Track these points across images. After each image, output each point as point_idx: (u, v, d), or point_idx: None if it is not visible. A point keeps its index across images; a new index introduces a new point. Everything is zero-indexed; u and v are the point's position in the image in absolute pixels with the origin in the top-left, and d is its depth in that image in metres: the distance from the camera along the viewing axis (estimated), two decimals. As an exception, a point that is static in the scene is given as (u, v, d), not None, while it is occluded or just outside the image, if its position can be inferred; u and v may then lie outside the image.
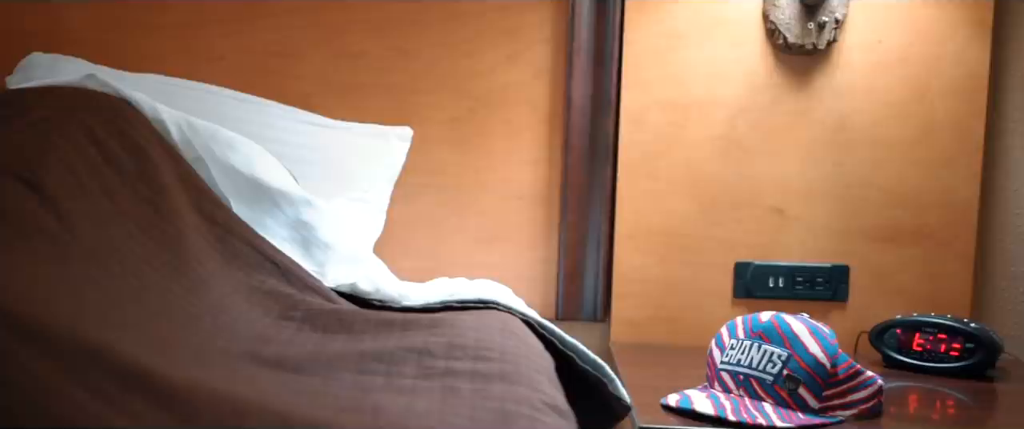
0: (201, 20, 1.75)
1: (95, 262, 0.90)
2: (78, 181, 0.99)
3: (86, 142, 1.07)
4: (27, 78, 1.65)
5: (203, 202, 1.18)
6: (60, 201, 0.92)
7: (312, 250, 1.29)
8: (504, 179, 1.77)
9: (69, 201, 0.93)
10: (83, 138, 1.06)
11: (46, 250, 0.82)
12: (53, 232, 0.87)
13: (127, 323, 0.81)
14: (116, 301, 0.84)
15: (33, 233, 0.83)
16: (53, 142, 1.01)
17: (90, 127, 1.09)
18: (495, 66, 1.75)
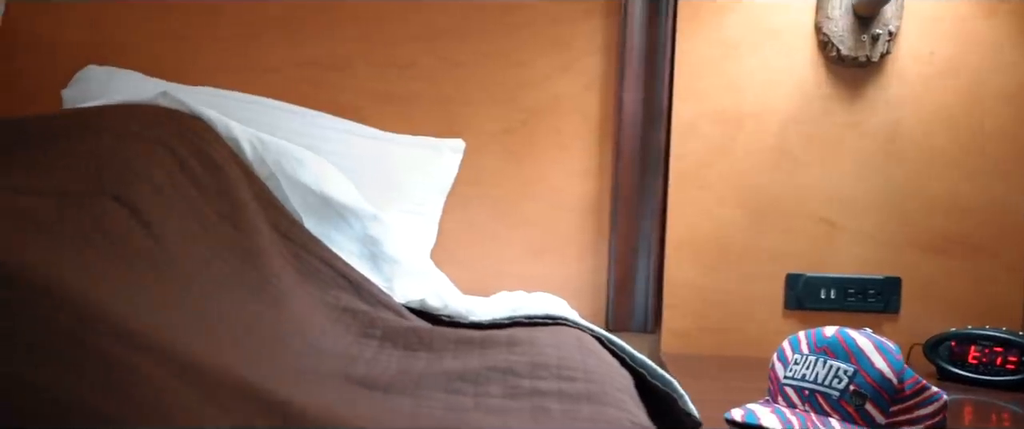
0: (254, 33, 1.76)
1: (187, 280, 0.91)
2: (166, 200, 1.00)
3: (169, 160, 1.07)
4: (84, 91, 1.66)
5: (278, 219, 1.19)
6: (153, 221, 0.93)
7: (380, 265, 1.30)
8: (554, 189, 1.78)
9: (160, 220, 0.94)
10: (166, 157, 1.07)
11: (146, 270, 0.83)
12: (150, 252, 0.88)
13: (226, 343, 0.81)
14: (212, 319, 0.85)
15: (133, 254, 0.83)
16: (140, 161, 1.02)
17: (172, 146, 1.10)
18: (546, 77, 1.76)
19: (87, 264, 0.70)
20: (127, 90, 1.65)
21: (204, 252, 0.99)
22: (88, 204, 0.86)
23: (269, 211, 1.19)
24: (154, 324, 0.64)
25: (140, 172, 0.99)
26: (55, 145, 1.01)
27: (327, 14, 1.75)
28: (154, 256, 0.87)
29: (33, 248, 0.66)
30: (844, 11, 1.65)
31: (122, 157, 1.00)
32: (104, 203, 0.88)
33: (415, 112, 1.76)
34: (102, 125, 1.08)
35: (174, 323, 0.70)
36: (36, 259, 0.62)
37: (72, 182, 0.91)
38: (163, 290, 0.80)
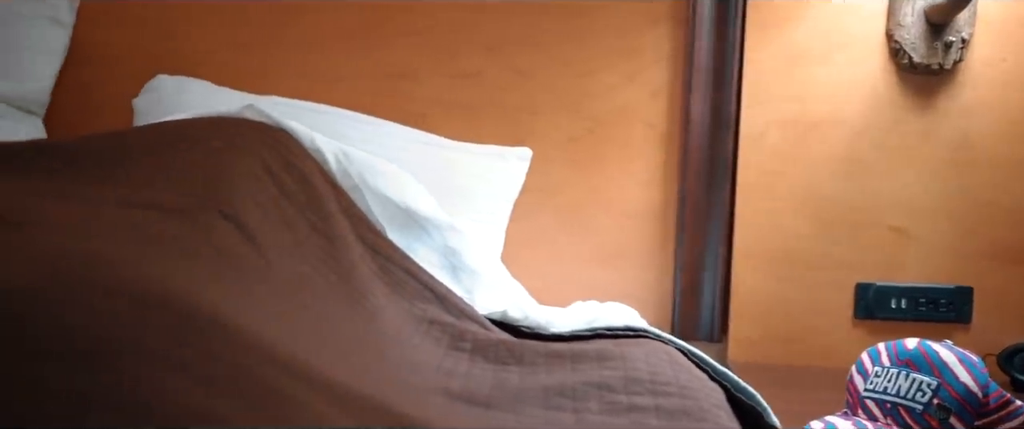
0: (319, 42, 1.77)
1: (294, 296, 0.91)
2: (265, 214, 1.00)
3: (263, 174, 1.08)
4: (155, 100, 1.68)
5: (364, 231, 1.20)
6: (257, 236, 0.93)
7: (460, 276, 1.30)
8: (620, 198, 1.77)
9: (263, 235, 0.95)
10: (261, 170, 1.08)
11: (262, 289, 0.83)
12: (260, 270, 0.88)
13: (338, 358, 0.82)
14: (327, 337, 0.85)
15: (248, 273, 0.84)
16: (239, 175, 1.02)
17: (264, 159, 1.11)
18: (613, 85, 1.75)
19: (223, 286, 0.71)
20: (198, 100, 1.67)
21: (303, 267, 1.00)
22: (202, 221, 0.86)
23: (355, 223, 1.19)
24: (296, 348, 0.65)
25: (240, 186, 1.00)
26: (155, 158, 1.02)
27: (395, 24, 1.76)
28: (263, 273, 0.88)
29: (172, 268, 0.66)
30: (916, 18, 1.63)
31: (222, 171, 1.01)
32: (214, 219, 0.88)
33: (481, 120, 1.77)
34: (198, 138, 1.09)
35: (304, 345, 0.70)
36: (185, 281, 0.62)
37: (179, 197, 0.91)
38: (279, 309, 0.81)
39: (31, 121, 1.67)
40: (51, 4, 1.67)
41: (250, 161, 1.08)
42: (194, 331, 0.54)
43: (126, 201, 0.86)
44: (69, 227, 0.68)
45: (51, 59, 1.68)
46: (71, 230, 0.67)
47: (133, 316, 0.53)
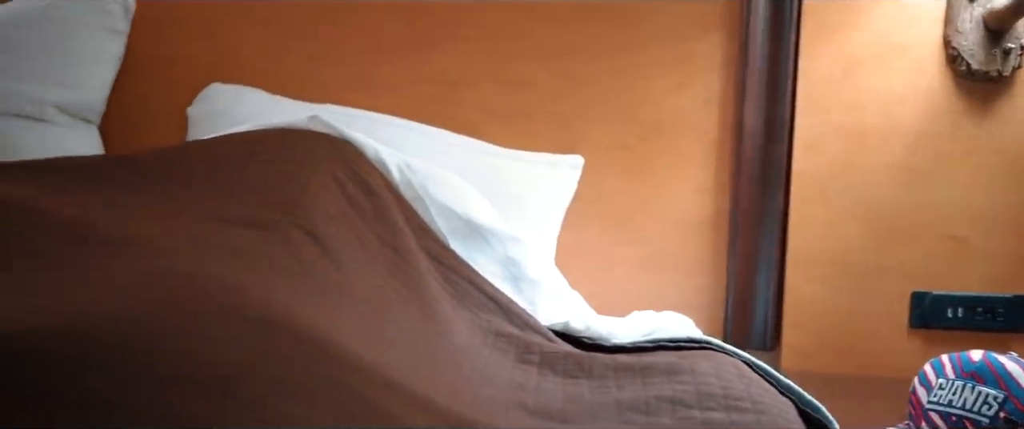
0: (371, 50, 1.77)
1: (374, 312, 0.91)
2: (338, 228, 1.01)
3: (334, 187, 1.08)
4: (209, 109, 1.69)
5: (428, 242, 1.20)
6: (334, 250, 0.93)
7: (521, 287, 1.30)
8: (671, 206, 1.76)
9: (339, 250, 0.95)
10: (332, 183, 1.08)
11: (345, 305, 0.84)
12: (340, 285, 0.88)
13: (425, 374, 0.82)
14: (407, 352, 0.86)
15: (332, 289, 0.84)
16: (313, 190, 1.03)
17: (334, 172, 1.11)
18: (665, 94, 1.75)
19: (318, 305, 0.71)
20: (252, 109, 1.68)
21: (375, 280, 1.00)
22: (287, 237, 0.87)
23: (420, 235, 1.19)
24: (393, 368, 0.65)
25: (315, 201, 1.00)
26: (230, 172, 1.02)
27: (446, 31, 1.76)
28: (344, 289, 0.88)
29: (273, 288, 0.67)
30: (974, 25, 1.61)
31: (297, 185, 1.01)
32: (297, 235, 0.89)
33: (532, 128, 1.76)
34: (270, 151, 1.10)
35: (397, 364, 0.70)
36: (292, 303, 0.62)
37: (261, 212, 0.92)
38: (366, 326, 0.81)
39: (87, 129, 1.69)
40: (108, 13, 1.68)
41: (322, 174, 1.08)
42: (311, 355, 0.54)
43: (212, 216, 0.87)
44: (170, 247, 0.68)
45: (107, 67, 1.70)
46: (173, 250, 0.67)
47: (254, 341, 0.53)
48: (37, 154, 1.55)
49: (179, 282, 0.58)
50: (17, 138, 1.57)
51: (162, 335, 0.50)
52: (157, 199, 0.89)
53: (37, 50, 1.62)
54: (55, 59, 1.63)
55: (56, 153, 1.57)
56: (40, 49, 1.62)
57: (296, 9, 1.77)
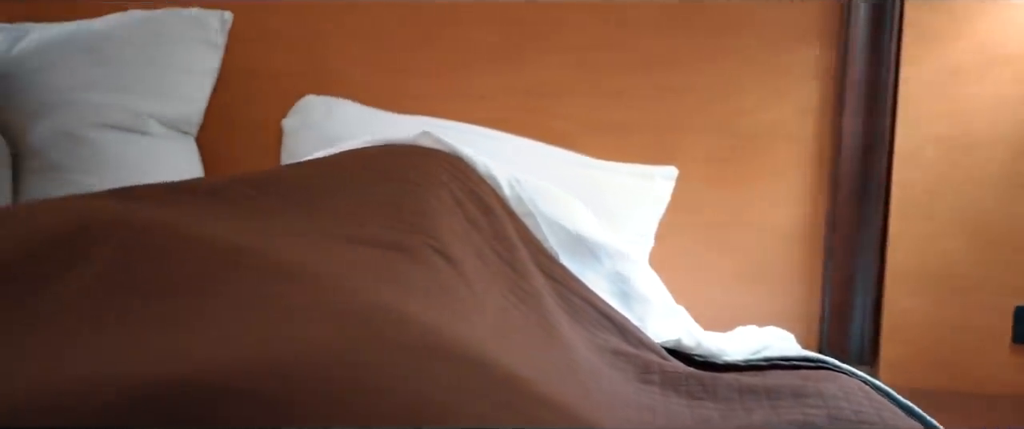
0: (463, 61, 1.77)
1: (506, 333, 0.91)
2: (462, 246, 1.00)
3: (452, 204, 1.08)
4: (304, 121, 1.70)
5: (541, 259, 1.19)
6: (465, 271, 0.93)
7: (631, 304, 1.29)
8: (765, 217, 1.74)
9: (468, 270, 0.95)
10: (449, 200, 1.08)
11: (481, 326, 0.83)
12: (476, 306, 0.88)
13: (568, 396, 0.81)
14: (542, 374, 0.85)
15: (471, 310, 0.84)
16: (435, 208, 1.02)
17: (452, 189, 1.11)
18: (761, 104, 1.72)
19: (473, 330, 0.71)
20: (347, 121, 1.69)
21: (500, 299, 0.99)
22: (423, 258, 0.86)
23: (533, 251, 1.18)
24: (553, 391, 0.64)
25: (438, 218, 1.00)
26: (353, 190, 1.02)
27: (539, 43, 1.76)
28: (477, 310, 0.87)
29: (437, 316, 0.66)
30: (1085, 33, 1.57)
31: (420, 204, 1.01)
32: (431, 256, 0.88)
33: (625, 139, 1.75)
34: (386, 169, 1.10)
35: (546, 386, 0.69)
36: (466, 333, 0.62)
37: (393, 233, 0.91)
38: (505, 348, 0.80)
39: (184, 140, 1.71)
40: (205, 27, 1.70)
41: (441, 191, 1.08)
42: (505, 390, 0.53)
43: (344, 236, 0.87)
44: (326, 272, 0.68)
45: (204, 80, 1.72)
46: (332, 277, 0.67)
47: (452, 377, 0.52)
48: (137, 165, 1.59)
49: (363, 315, 0.58)
50: (118, 149, 1.60)
51: (367, 373, 0.50)
52: (289, 220, 0.89)
53: (137, 63, 1.64)
54: (154, 72, 1.65)
55: (155, 164, 1.60)
56: (140, 62, 1.64)
57: (389, 22, 1.77)
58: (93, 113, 1.59)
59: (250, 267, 0.66)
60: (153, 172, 1.62)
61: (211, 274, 0.65)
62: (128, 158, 1.60)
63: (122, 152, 1.59)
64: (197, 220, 0.77)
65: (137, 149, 1.61)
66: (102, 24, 1.68)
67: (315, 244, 0.82)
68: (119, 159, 1.59)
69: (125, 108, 1.61)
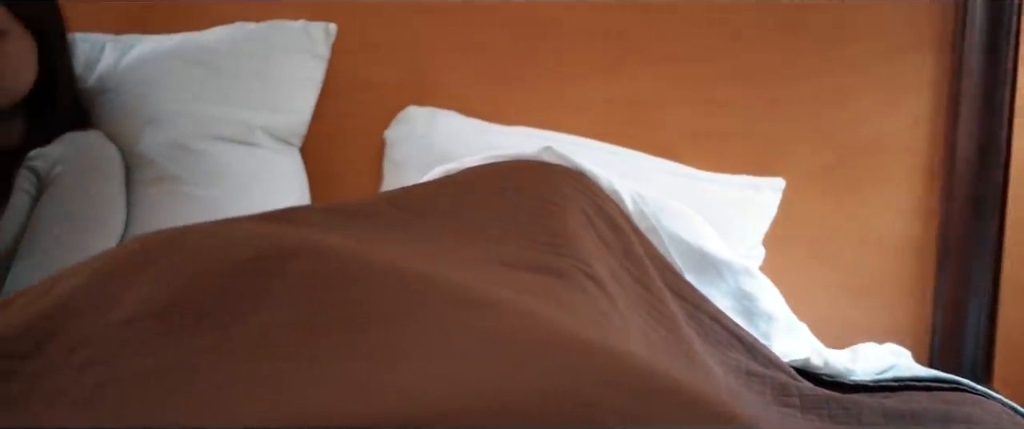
0: (565, 72, 1.76)
1: (651, 354, 0.90)
2: (602, 267, 0.99)
3: (586, 222, 1.07)
4: (407, 132, 1.70)
5: (669, 277, 1.17)
6: (611, 295, 0.92)
7: (756, 321, 1.26)
8: (874, 229, 1.70)
9: (613, 293, 0.93)
10: (582, 218, 1.07)
11: (637, 349, 0.82)
12: (628, 332, 0.87)
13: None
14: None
15: (627, 337, 0.83)
16: (573, 227, 1.01)
17: (583, 207, 1.10)
18: (869, 113, 1.69)
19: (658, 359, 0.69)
20: (451, 132, 1.69)
21: (641, 322, 0.98)
22: (578, 284, 0.85)
23: (660, 269, 1.17)
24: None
25: (581, 240, 0.99)
26: (492, 213, 1.01)
27: (641, 53, 1.74)
28: (629, 337, 0.86)
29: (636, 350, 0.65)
30: None
31: (560, 225, 1.00)
32: (584, 280, 0.87)
33: (728, 150, 1.72)
34: (522, 188, 1.09)
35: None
36: (671, 370, 0.61)
37: (540, 255, 0.91)
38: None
39: (290, 152, 1.72)
40: (311, 38, 1.71)
41: (574, 209, 1.07)
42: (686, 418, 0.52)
43: (506, 263, 0.86)
44: (512, 302, 0.67)
45: (309, 92, 1.73)
46: (518, 305, 0.66)
47: (676, 418, 0.51)
48: (247, 177, 1.60)
49: (576, 349, 0.57)
50: (228, 161, 1.61)
51: (604, 414, 0.49)
52: (448, 244, 0.89)
53: (246, 75, 1.66)
54: (263, 84, 1.66)
55: (264, 176, 1.61)
56: (249, 74, 1.66)
57: (490, 32, 1.77)
58: (205, 125, 1.60)
59: (440, 296, 0.66)
60: (262, 184, 1.63)
61: (405, 303, 0.64)
62: (238, 170, 1.61)
63: (232, 164, 1.61)
64: (371, 246, 0.77)
65: (247, 161, 1.62)
66: (210, 37, 1.70)
67: (481, 269, 0.81)
68: (230, 171, 1.60)
69: (235, 120, 1.62)
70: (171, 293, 0.66)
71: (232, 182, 1.60)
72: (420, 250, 0.84)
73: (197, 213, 1.56)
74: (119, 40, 1.76)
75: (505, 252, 0.90)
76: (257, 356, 0.59)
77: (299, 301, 0.64)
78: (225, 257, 0.70)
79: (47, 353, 0.64)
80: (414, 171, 1.66)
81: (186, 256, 0.71)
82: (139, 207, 1.57)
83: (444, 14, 1.78)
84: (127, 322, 0.65)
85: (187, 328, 0.63)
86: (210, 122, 1.61)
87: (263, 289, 0.66)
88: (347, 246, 0.74)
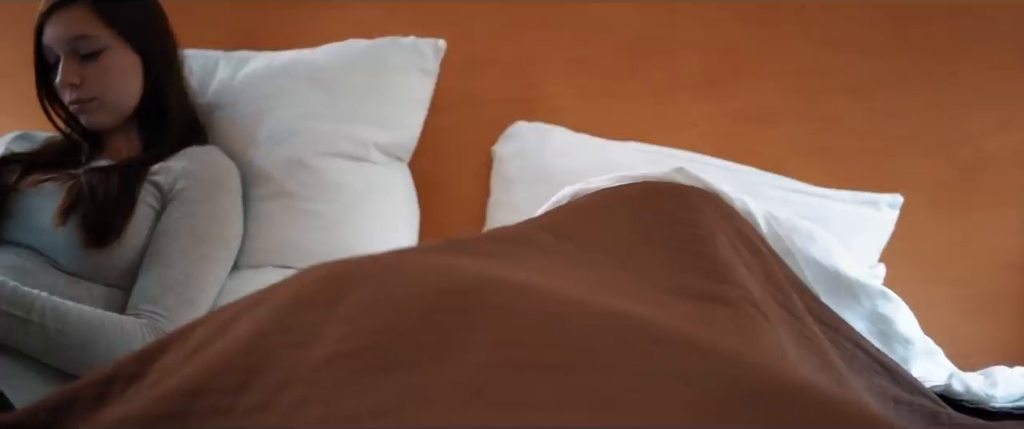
0: (674, 87, 1.75)
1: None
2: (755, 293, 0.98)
3: (731, 247, 1.05)
4: (516, 147, 1.70)
5: (809, 301, 1.15)
6: (774, 324, 0.90)
7: (892, 345, 1.24)
8: (993, 247, 1.67)
9: (772, 319, 0.92)
10: (727, 242, 1.05)
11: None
12: (792, 356, 0.85)
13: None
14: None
15: (819, 369, 0.81)
16: (724, 254, 1.00)
17: (725, 230, 1.08)
18: (988, 129, 1.65)
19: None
20: (560, 147, 1.69)
21: (792, 349, 0.96)
22: (743, 312, 0.84)
23: (800, 293, 1.15)
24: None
25: (734, 266, 0.98)
26: (640, 238, 1.00)
27: (750, 67, 1.72)
28: (795, 361, 0.85)
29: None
30: None
31: (710, 249, 0.99)
32: (748, 308, 0.86)
33: (839, 165, 1.70)
34: (664, 212, 1.08)
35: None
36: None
37: (701, 283, 0.90)
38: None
39: (400, 167, 1.73)
40: (421, 54, 1.72)
41: (721, 234, 1.05)
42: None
43: (671, 291, 0.85)
44: (706, 339, 0.66)
45: (419, 107, 1.74)
46: (724, 345, 0.65)
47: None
48: (361, 193, 1.61)
49: (806, 394, 0.56)
50: (343, 177, 1.63)
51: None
52: (612, 275, 0.88)
53: (359, 92, 1.67)
54: (376, 100, 1.68)
55: (377, 192, 1.63)
56: (361, 91, 1.67)
57: (596, 46, 1.77)
58: (320, 141, 1.62)
59: (636, 335, 0.65)
60: (375, 199, 1.65)
61: (606, 344, 0.63)
62: (352, 185, 1.63)
63: (347, 180, 1.62)
64: (549, 279, 0.76)
65: (360, 176, 1.64)
66: (323, 54, 1.72)
67: (654, 300, 0.80)
68: (344, 186, 1.62)
69: (350, 136, 1.64)
70: (373, 330, 0.67)
71: (347, 198, 1.62)
72: (591, 280, 0.83)
73: (312, 228, 1.59)
74: (231, 56, 1.79)
75: (666, 279, 0.89)
76: (475, 402, 0.59)
77: (504, 339, 0.64)
78: (418, 291, 0.70)
79: (256, 389, 0.65)
80: (524, 186, 1.66)
81: (377, 291, 0.71)
82: (254, 222, 1.59)
83: (551, 29, 1.78)
84: (331, 359, 0.65)
85: (396, 366, 0.63)
86: (325, 138, 1.63)
87: (465, 325, 0.66)
88: (533, 280, 0.74)
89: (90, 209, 1.39)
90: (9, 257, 1.39)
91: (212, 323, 0.77)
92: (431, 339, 0.66)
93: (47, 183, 1.46)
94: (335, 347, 0.67)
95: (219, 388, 0.66)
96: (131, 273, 1.42)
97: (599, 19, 1.76)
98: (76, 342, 1.27)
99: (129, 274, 1.42)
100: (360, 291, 0.73)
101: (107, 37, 1.50)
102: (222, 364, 0.69)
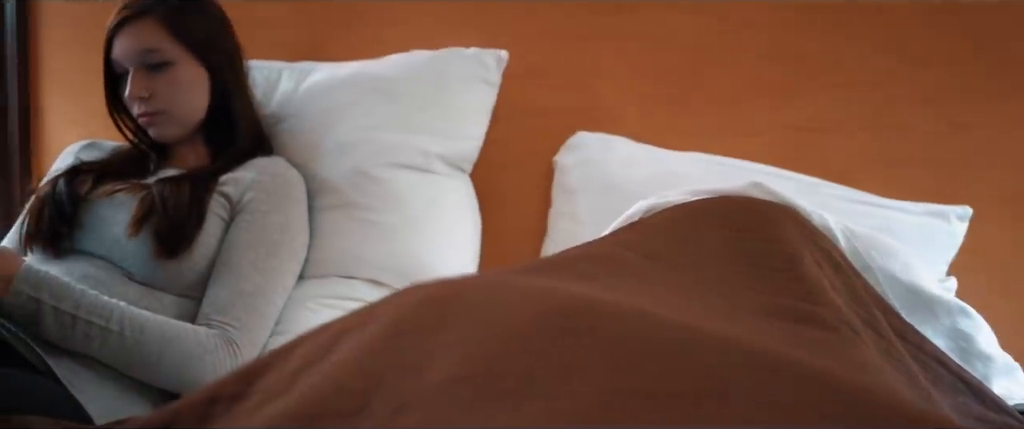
0: (738, 96, 1.74)
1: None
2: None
3: (815, 264, 1.05)
4: (578, 157, 1.70)
5: (892, 319, 1.14)
6: (865, 341, 0.89)
7: (972, 362, 1.22)
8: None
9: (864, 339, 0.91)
10: (811, 260, 1.04)
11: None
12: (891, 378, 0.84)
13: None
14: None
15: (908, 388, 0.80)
16: (812, 272, 0.99)
17: (808, 247, 1.07)
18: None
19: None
20: (624, 158, 1.68)
21: (887, 367, 0.95)
22: (841, 333, 0.84)
23: (883, 310, 1.14)
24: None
25: (823, 285, 0.97)
26: (724, 256, 1.00)
27: (816, 76, 1.71)
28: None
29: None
30: None
31: (798, 268, 0.98)
32: (844, 329, 0.85)
33: (906, 176, 1.68)
34: (745, 228, 1.07)
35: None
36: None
37: (794, 303, 0.89)
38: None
39: (462, 178, 1.73)
40: (484, 66, 1.72)
41: (804, 252, 1.04)
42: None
43: (766, 312, 0.84)
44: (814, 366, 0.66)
45: (481, 118, 1.74)
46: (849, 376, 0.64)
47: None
48: (425, 203, 1.62)
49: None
50: (407, 188, 1.64)
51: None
52: (699, 296, 0.87)
53: (422, 103, 1.68)
54: (439, 111, 1.68)
55: (441, 202, 1.63)
56: (424, 102, 1.68)
57: (659, 56, 1.76)
58: (385, 152, 1.63)
59: (745, 362, 0.64)
60: (438, 210, 1.65)
61: (720, 372, 0.63)
62: (416, 196, 1.63)
63: (411, 190, 1.63)
64: (646, 301, 0.76)
65: (424, 187, 1.64)
66: (386, 65, 1.73)
67: (751, 324, 0.80)
68: (408, 197, 1.62)
69: (413, 147, 1.64)
70: (485, 356, 0.66)
71: (411, 208, 1.62)
72: (690, 303, 0.83)
73: (375, 239, 1.59)
74: (294, 67, 1.80)
75: (758, 301, 0.88)
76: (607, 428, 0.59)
77: (623, 365, 0.64)
78: (521, 316, 0.70)
79: (371, 413, 0.65)
80: (587, 197, 1.66)
81: (481, 315, 0.71)
82: (319, 232, 1.60)
83: (612, 39, 1.77)
84: (446, 385, 0.65)
85: (512, 394, 0.63)
86: (390, 149, 1.63)
87: (576, 350, 0.66)
88: (636, 304, 0.74)
89: (162, 219, 1.41)
90: (82, 267, 1.41)
91: (313, 343, 0.78)
92: (547, 364, 0.66)
93: (119, 193, 1.48)
94: (448, 372, 0.67)
95: (336, 411, 0.66)
96: (201, 283, 1.44)
97: (661, 28, 1.76)
98: (153, 351, 1.29)
99: (199, 284, 1.44)
100: (463, 315, 0.73)
101: (176, 51, 1.52)
102: (333, 386, 0.69)
